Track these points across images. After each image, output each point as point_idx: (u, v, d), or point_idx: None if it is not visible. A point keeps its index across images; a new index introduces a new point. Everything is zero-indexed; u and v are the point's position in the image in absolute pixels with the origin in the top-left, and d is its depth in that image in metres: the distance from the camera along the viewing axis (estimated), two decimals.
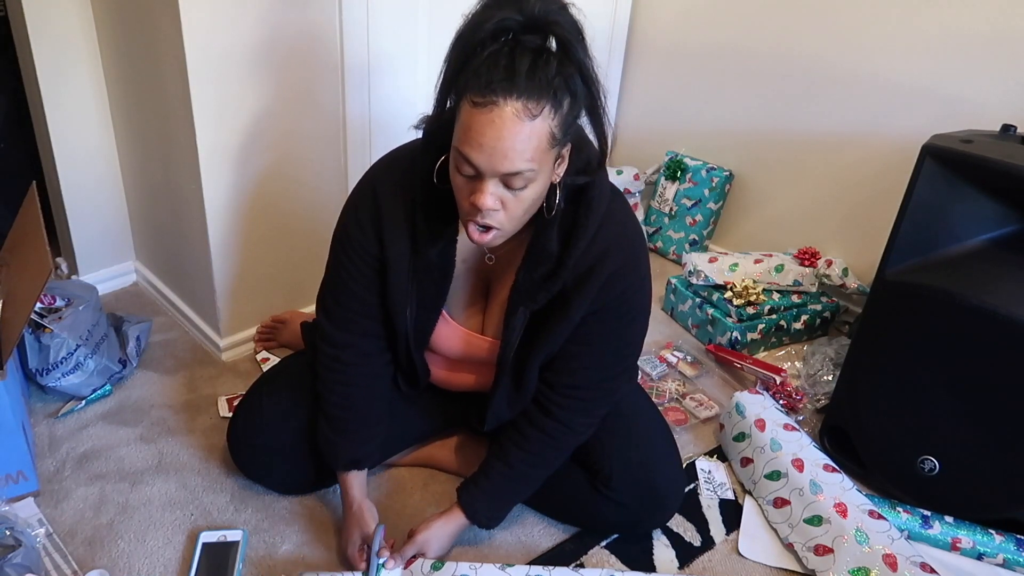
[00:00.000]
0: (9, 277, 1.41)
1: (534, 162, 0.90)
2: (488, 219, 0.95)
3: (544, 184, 0.96)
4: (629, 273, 1.08)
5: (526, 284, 1.07)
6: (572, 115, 0.92)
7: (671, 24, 2.18)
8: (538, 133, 0.89)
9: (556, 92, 0.88)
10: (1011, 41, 1.55)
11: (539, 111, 0.87)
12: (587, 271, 1.05)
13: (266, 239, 1.65)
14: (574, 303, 1.07)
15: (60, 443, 1.42)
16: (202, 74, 1.39)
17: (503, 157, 0.88)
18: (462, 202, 0.97)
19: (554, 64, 0.88)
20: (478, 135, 0.88)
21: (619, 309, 1.10)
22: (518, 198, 0.94)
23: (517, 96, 0.86)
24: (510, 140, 0.87)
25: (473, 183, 0.93)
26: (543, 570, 1.17)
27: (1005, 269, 1.28)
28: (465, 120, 0.90)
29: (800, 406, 1.64)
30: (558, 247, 1.04)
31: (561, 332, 1.10)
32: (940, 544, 1.31)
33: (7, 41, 1.69)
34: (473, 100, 0.88)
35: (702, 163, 2.18)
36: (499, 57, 0.87)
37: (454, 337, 1.19)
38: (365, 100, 1.66)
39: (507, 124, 0.87)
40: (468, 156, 0.90)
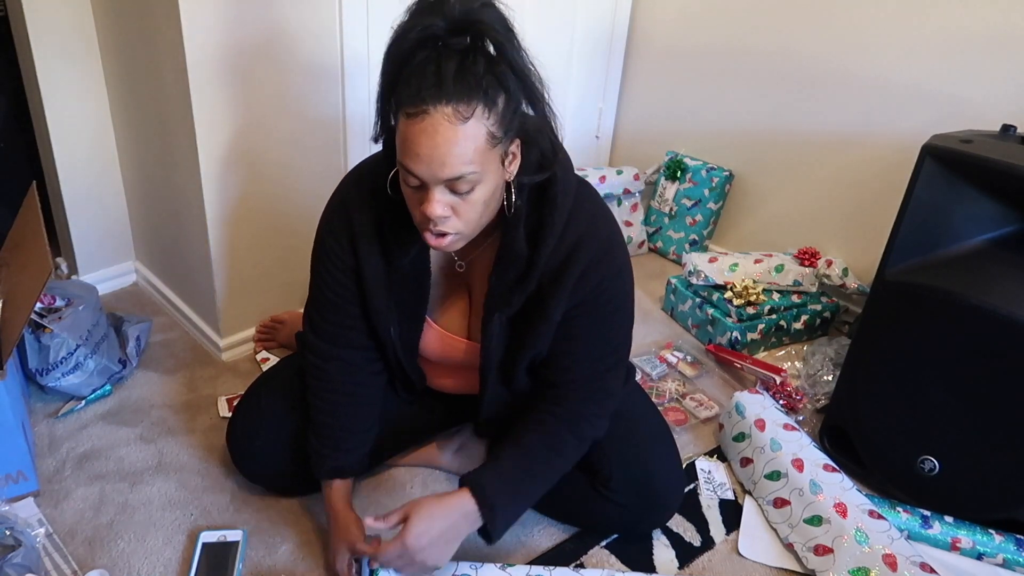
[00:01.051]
0: (9, 277, 1.41)
1: (475, 164, 0.90)
2: (442, 226, 0.94)
3: (495, 184, 0.95)
4: (603, 264, 1.06)
5: (499, 288, 1.07)
6: (510, 111, 0.91)
7: (671, 24, 2.18)
8: (473, 135, 0.88)
9: (487, 91, 0.87)
10: (1011, 41, 1.56)
11: (471, 113, 0.87)
12: (560, 268, 1.04)
13: (266, 239, 1.65)
14: (550, 302, 1.06)
15: (60, 443, 1.42)
16: (202, 74, 1.39)
17: (441, 164, 0.88)
18: (414, 212, 0.97)
19: (482, 62, 0.87)
20: (414, 145, 0.88)
21: (598, 301, 1.08)
22: (468, 201, 0.93)
23: (447, 101, 0.86)
24: (445, 146, 0.87)
25: (421, 193, 0.93)
26: (544, 570, 1.17)
27: (1005, 269, 1.28)
28: (402, 132, 0.90)
29: (800, 406, 1.64)
30: (527, 248, 1.03)
31: (543, 333, 1.09)
32: (940, 544, 1.31)
33: (7, 41, 1.69)
34: (406, 112, 0.88)
35: (702, 163, 2.18)
36: (427, 64, 0.87)
37: (440, 343, 1.19)
38: (365, 100, 1.66)
39: (440, 131, 0.87)
40: (409, 167, 0.90)
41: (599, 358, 1.13)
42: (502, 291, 1.06)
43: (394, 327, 1.14)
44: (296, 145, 1.60)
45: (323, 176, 1.68)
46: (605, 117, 2.36)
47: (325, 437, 1.19)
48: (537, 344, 1.10)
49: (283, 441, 1.25)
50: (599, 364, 1.14)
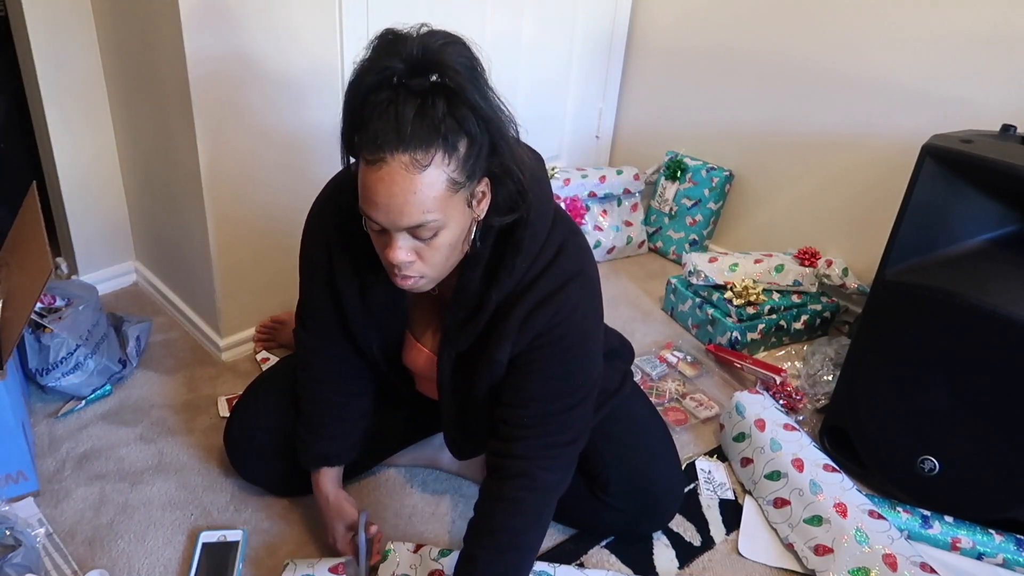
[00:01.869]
0: (9, 277, 1.41)
1: (435, 212, 0.87)
2: (406, 271, 0.93)
3: (460, 227, 0.92)
4: (552, 303, 0.99)
5: (450, 326, 1.05)
6: (473, 155, 0.87)
7: (671, 25, 2.18)
8: (432, 183, 0.85)
9: (447, 136, 0.84)
10: (1011, 41, 1.55)
11: (429, 160, 0.84)
12: (507, 308, 1.00)
13: (266, 239, 1.65)
14: (493, 342, 1.01)
15: (60, 443, 1.42)
16: (202, 73, 1.39)
17: (399, 213, 0.86)
18: (380, 255, 0.95)
19: (441, 106, 0.84)
20: (372, 194, 0.86)
21: (550, 340, 1.01)
22: (432, 246, 0.91)
23: (403, 149, 0.83)
24: (402, 196, 0.85)
25: (383, 237, 0.92)
26: (548, 566, 1.17)
27: (1005, 269, 1.28)
28: (362, 178, 0.88)
29: (800, 406, 1.64)
30: (482, 287, 1.01)
31: (489, 372, 1.05)
32: (940, 544, 1.31)
33: (7, 41, 1.69)
34: (365, 158, 0.86)
35: (702, 163, 2.18)
36: (387, 107, 0.84)
37: (415, 356, 1.18)
38: None
39: (396, 180, 0.84)
40: (368, 215, 0.89)
41: (555, 398, 1.05)
42: (452, 329, 1.05)
43: (373, 339, 1.14)
44: (296, 145, 1.60)
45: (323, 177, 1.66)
46: (605, 117, 2.36)
47: (311, 425, 1.20)
48: (483, 382, 1.06)
49: (280, 442, 1.25)
50: (555, 403, 1.05)
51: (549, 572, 1.16)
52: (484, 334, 1.03)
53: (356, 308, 1.11)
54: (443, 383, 1.12)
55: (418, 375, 1.23)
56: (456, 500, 1.36)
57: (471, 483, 1.39)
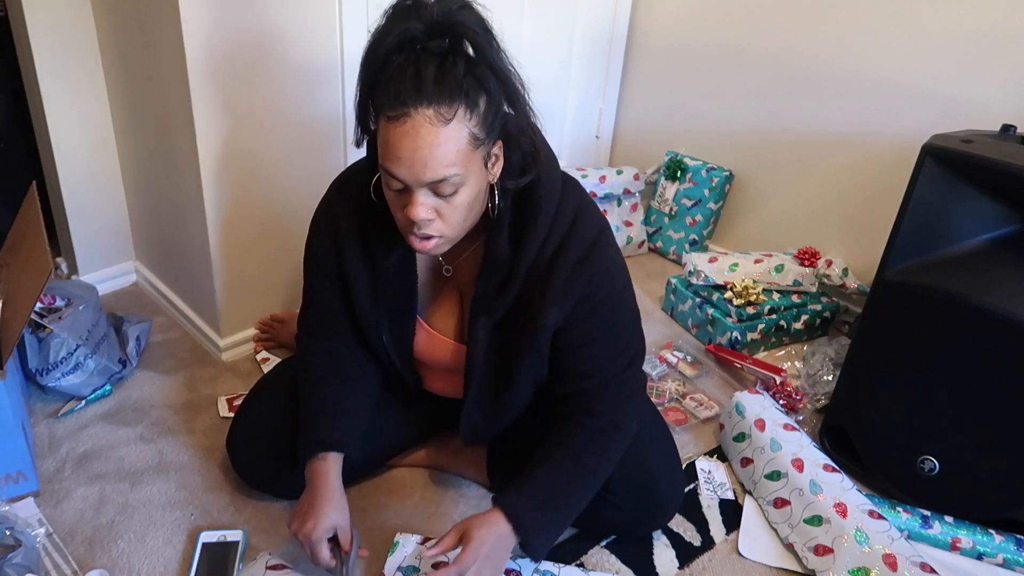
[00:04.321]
0: (9, 277, 1.41)
1: (458, 166, 0.89)
2: (425, 229, 0.94)
3: (478, 186, 0.95)
4: (588, 264, 1.03)
5: (484, 294, 1.06)
6: (491, 112, 0.91)
7: (671, 24, 2.18)
8: (455, 137, 0.88)
9: (468, 92, 0.87)
10: (1011, 41, 1.56)
11: (452, 115, 0.87)
12: (544, 273, 1.03)
13: (266, 239, 1.65)
14: (539, 309, 1.04)
15: (60, 443, 1.42)
16: (202, 73, 1.39)
17: (424, 166, 0.88)
18: (397, 215, 0.96)
19: (462, 65, 0.87)
20: (396, 148, 0.88)
21: (593, 303, 1.05)
22: (451, 204, 0.93)
23: (428, 103, 0.86)
24: (427, 148, 0.87)
25: (404, 196, 0.93)
26: (553, 566, 1.17)
27: (1005, 269, 1.28)
28: (383, 136, 0.90)
29: (800, 406, 1.64)
30: (510, 252, 1.03)
31: (536, 341, 1.06)
32: (940, 544, 1.31)
33: (7, 41, 1.69)
34: (387, 115, 0.88)
35: (702, 163, 2.18)
36: (406, 68, 0.87)
37: (429, 344, 1.18)
38: None
39: (421, 133, 0.86)
40: (391, 171, 0.90)
41: (611, 359, 1.11)
42: (486, 297, 1.06)
43: (384, 329, 1.14)
44: (296, 145, 1.60)
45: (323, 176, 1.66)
46: (605, 117, 2.36)
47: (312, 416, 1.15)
48: (531, 353, 1.08)
49: (284, 446, 1.25)
50: (612, 365, 1.11)
51: (553, 572, 1.16)
52: (523, 300, 1.05)
53: (366, 296, 1.11)
54: (475, 357, 1.11)
55: (431, 366, 1.23)
56: (456, 500, 1.36)
57: (471, 483, 1.39)
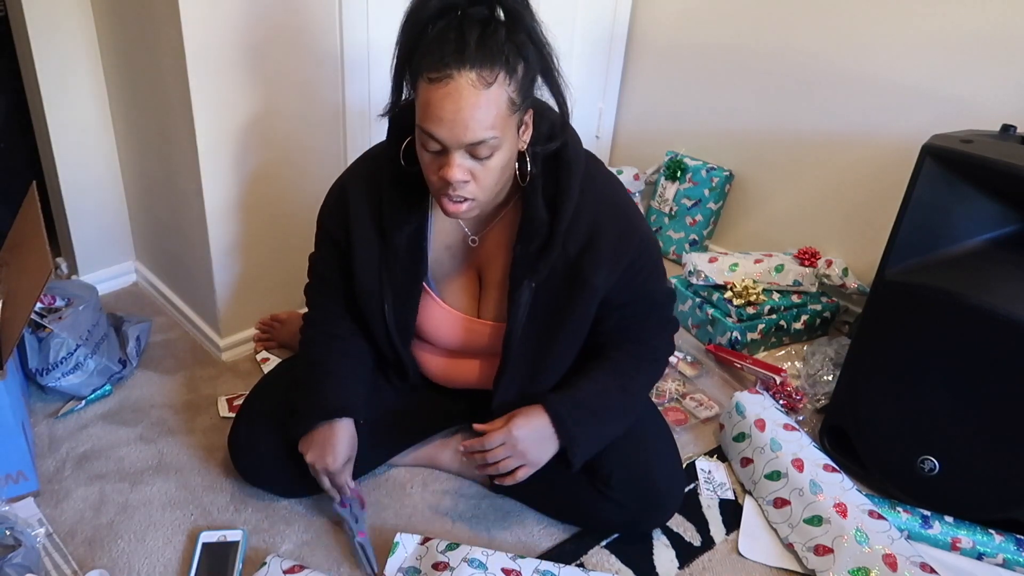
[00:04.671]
0: (9, 277, 1.41)
1: (496, 129, 0.92)
2: (460, 191, 0.97)
3: (511, 151, 0.98)
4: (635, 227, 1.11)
5: (524, 257, 1.08)
6: (528, 80, 0.95)
7: (671, 24, 2.18)
8: (496, 100, 0.91)
9: (508, 59, 0.90)
10: (1011, 41, 1.55)
11: (493, 79, 0.90)
12: (590, 234, 1.07)
13: (266, 239, 1.65)
14: (588, 269, 1.07)
15: (60, 443, 1.42)
16: (202, 73, 1.39)
17: (464, 128, 0.91)
18: (431, 178, 0.99)
19: (503, 32, 0.91)
20: (438, 109, 0.91)
21: (640, 265, 1.12)
22: (486, 167, 0.96)
23: (471, 66, 0.89)
24: (469, 110, 0.90)
25: (440, 158, 0.96)
26: (553, 566, 1.17)
27: (1005, 269, 1.28)
28: (424, 97, 0.92)
29: (800, 406, 1.64)
30: (547, 214, 1.06)
31: (585, 303, 1.10)
32: (940, 544, 1.31)
33: (7, 41, 1.69)
34: (429, 76, 0.90)
35: (702, 163, 2.18)
36: (448, 32, 0.90)
37: (453, 324, 1.19)
38: (364, 96, 1.66)
39: (464, 95, 0.89)
40: (431, 131, 0.93)
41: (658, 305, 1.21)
42: (527, 259, 1.08)
43: (388, 306, 1.15)
44: (296, 145, 1.60)
45: (323, 175, 1.67)
46: (605, 117, 2.36)
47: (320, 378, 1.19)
48: (577, 314, 1.11)
49: (286, 447, 1.25)
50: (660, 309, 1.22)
51: (553, 572, 1.16)
52: (567, 262, 1.08)
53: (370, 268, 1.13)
54: (516, 322, 1.12)
55: (445, 345, 1.23)
56: (456, 500, 1.36)
57: (471, 483, 1.39)
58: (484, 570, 1.13)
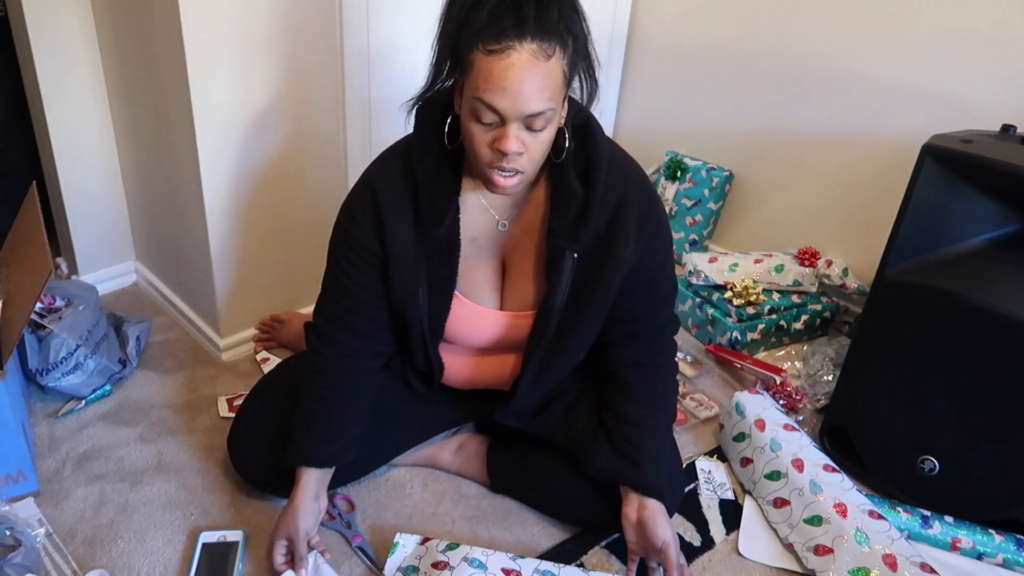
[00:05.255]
0: (9, 277, 1.41)
1: (553, 101, 0.94)
2: (513, 163, 0.97)
3: (557, 125, 1.00)
4: (657, 202, 1.13)
5: (562, 228, 1.08)
6: (576, 55, 0.96)
7: (671, 24, 2.18)
8: (554, 73, 0.93)
9: (562, 34, 0.92)
10: (1011, 41, 1.55)
11: (552, 52, 0.91)
12: (616, 208, 1.08)
13: (266, 239, 1.65)
14: (617, 241, 1.09)
15: (60, 443, 1.42)
16: (202, 72, 1.39)
17: (527, 98, 0.92)
18: (482, 151, 0.98)
19: (555, 9, 0.92)
20: (500, 80, 0.91)
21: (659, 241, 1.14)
22: (537, 140, 0.97)
23: (531, 38, 0.90)
24: (531, 81, 0.91)
25: (494, 130, 0.96)
26: (553, 566, 1.17)
27: (1005, 269, 1.28)
28: (483, 69, 0.92)
29: (800, 406, 1.64)
30: (580, 185, 1.07)
31: (613, 275, 1.10)
32: (940, 544, 1.31)
33: (7, 41, 1.69)
34: (488, 48, 0.91)
35: (702, 163, 2.18)
36: (502, 7, 0.91)
37: (469, 317, 1.18)
38: (365, 98, 1.66)
39: (526, 66, 0.91)
40: (491, 102, 0.93)
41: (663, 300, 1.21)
42: (565, 229, 1.08)
43: (423, 300, 1.14)
44: (296, 145, 1.60)
45: (323, 175, 1.68)
46: (605, 117, 2.36)
47: (307, 420, 1.18)
48: (605, 288, 1.11)
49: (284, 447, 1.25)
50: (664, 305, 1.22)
51: (553, 572, 1.16)
52: (599, 233, 1.09)
53: (407, 264, 1.11)
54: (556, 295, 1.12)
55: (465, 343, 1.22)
56: (456, 500, 1.36)
57: (471, 483, 1.39)
58: (484, 570, 1.13)
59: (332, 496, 1.31)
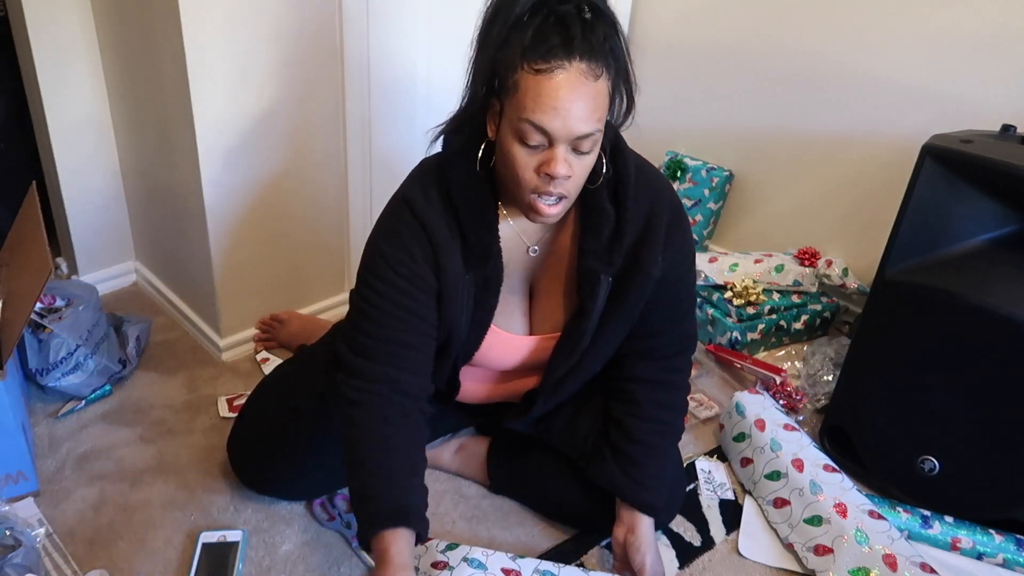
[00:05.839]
0: (9, 277, 1.41)
1: (600, 123, 0.92)
2: (559, 188, 0.94)
3: (599, 148, 0.97)
4: (684, 218, 1.11)
5: (596, 249, 1.05)
6: (619, 77, 0.94)
7: (671, 23, 2.18)
8: (602, 93, 0.91)
9: (607, 55, 0.91)
10: (1011, 41, 1.55)
11: (600, 73, 0.90)
12: (645, 224, 1.06)
13: (266, 239, 1.65)
14: (646, 257, 1.06)
15: (60, 443, 1.42)
16: (202, 73, 1.39)
17: (577, 119, 0.89)
18: (526, 176, 0.94)
19: (600, 29, 0.90)
20: (550, 99, 0.88)
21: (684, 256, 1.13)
22: (583, 163, 0.95)
23: (580, 58, 0.88)
24: (582, 100, 0.89)
25: (541, 154, 0.93)
26: (553, 566, 1.17)
27: (1005, 269, 1.28)
28: (531, 88, 0.89)
29: (800, 406, 1.64)
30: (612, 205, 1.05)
31: (641, 291, 1.07)
32: (940, 544, 1.31)
33: (7, 41, 1.69)
34: (536, 68, 0.88)
35: (702, 163, 2.18)
36: (547, 27, 0.88)
37: (513, 348, 1.15)
38: (365, 101, 1.66)
39: (576, 86, 0.88)
40: (540, 123, 0.90)
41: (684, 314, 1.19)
42: (599, 251, 1.05)
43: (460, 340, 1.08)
44: (296, 146, 1.60)
45: (323, 176, 1.68)
46: None
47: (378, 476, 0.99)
48: (637, 302, 1.09)
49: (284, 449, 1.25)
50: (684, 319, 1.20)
51: (553, 572, 1.16)
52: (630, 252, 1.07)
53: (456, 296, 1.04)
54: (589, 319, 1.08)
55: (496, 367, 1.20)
56: (456, 500, 1.36)
57: (471, 483, 1.39)
58: (484, 570, 1.13)
59: (332, 496, 1.31)
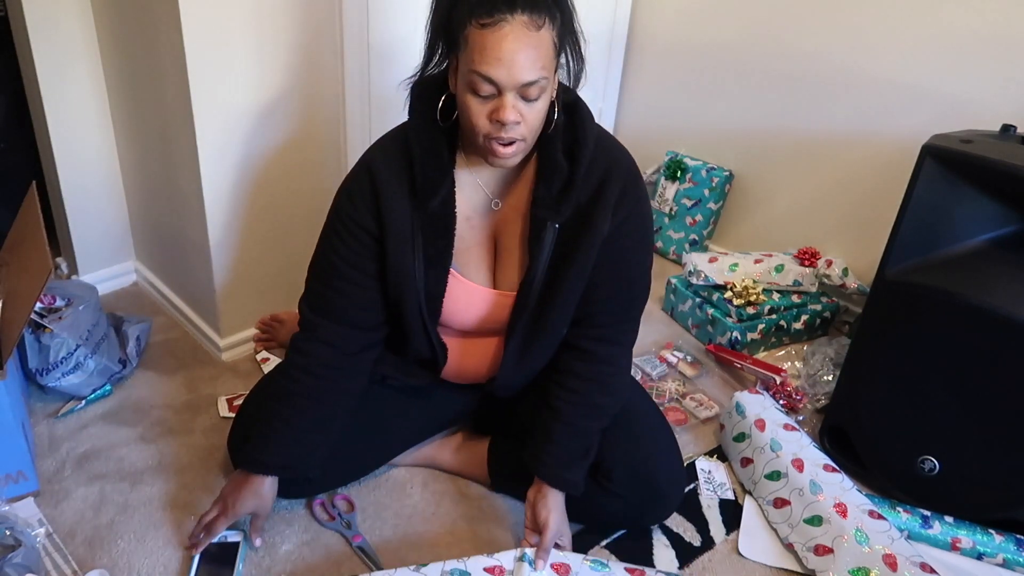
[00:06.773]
0: (9, 277, 1.41)
1: (546, 71, 0.98)
2: (511, 132, 1.00)
3: (550, 96, 1.03)
4: (635, 186, 1.14)
5: (546, 199, 1.11)
6: (564, 28, 1.00)
7: (671, 23, 2.18)
8: (545, 43, 0.97)
9: (550, 7, 0.97)
10: (1011, 41, 1.56)
11: (542, 23, 0.96)
12: (599, 185, 1.11)
13: (266, 238, 1.65)
14: (596, 215, 1.11)
15: (60, 443, 1.42)
16: (202, 72, 1.39)
17: (521, 68, 0.96)
18: (480, 123, 1.01)
19: None
20: (495, 51, 0.95)
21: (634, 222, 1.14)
22: (533, 109, 1.00)
23: (521, 10, 0.94)
24: (525, 50, 0.95)
25: (491, 102, 0.99)
26: (458, 563, 1.15)
27: (1005, 269, 1.28)
28: (477, 42, 0.96)
29: (800, 406, 1.64)
30: (566, 160, 1.10)
31: (590, 247, 1.11)
32: (940, 544, 1.31)
33: (7, 41, 1.69)
34: (481, 23, 0.95)
35: (702, 163, 2.18)
36: None
37: (474, 299, 1.19)
38: (365, 98, 1.66)
39: (519, 36, 0.95)
40: (487, 74, 0.96)
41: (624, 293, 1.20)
42: (549, 201, 1.11)
43: (420, 275, 1.14)
44: (296, 145, 1.60)
45: (323, 176, 1.68)
46: (605, 117, 2.36)
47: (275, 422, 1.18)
48: (581, 263, 1.12)
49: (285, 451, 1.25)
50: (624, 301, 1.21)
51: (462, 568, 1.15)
52: (580, 208, 1.12)
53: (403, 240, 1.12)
54: (537, 266, 1.13)
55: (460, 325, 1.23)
56: (456, 500, 1.36)
57: (471, 483, 1.39)
58: None
59: (332, 496, 1.31)
